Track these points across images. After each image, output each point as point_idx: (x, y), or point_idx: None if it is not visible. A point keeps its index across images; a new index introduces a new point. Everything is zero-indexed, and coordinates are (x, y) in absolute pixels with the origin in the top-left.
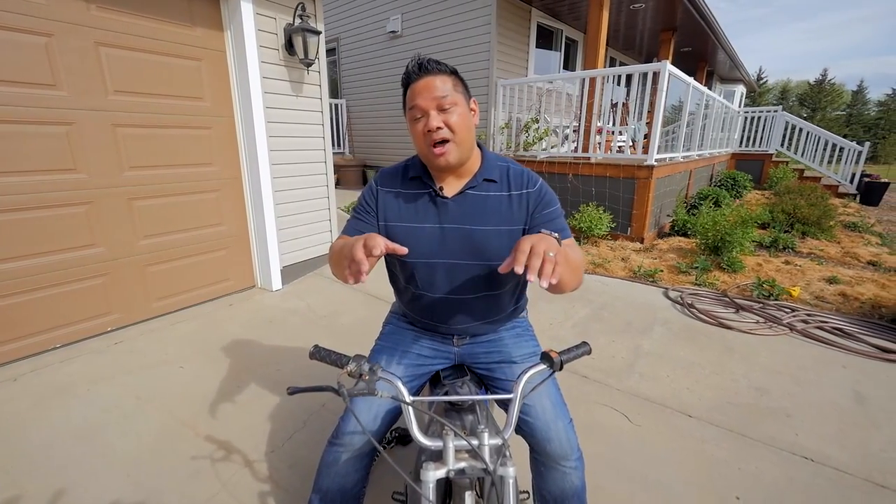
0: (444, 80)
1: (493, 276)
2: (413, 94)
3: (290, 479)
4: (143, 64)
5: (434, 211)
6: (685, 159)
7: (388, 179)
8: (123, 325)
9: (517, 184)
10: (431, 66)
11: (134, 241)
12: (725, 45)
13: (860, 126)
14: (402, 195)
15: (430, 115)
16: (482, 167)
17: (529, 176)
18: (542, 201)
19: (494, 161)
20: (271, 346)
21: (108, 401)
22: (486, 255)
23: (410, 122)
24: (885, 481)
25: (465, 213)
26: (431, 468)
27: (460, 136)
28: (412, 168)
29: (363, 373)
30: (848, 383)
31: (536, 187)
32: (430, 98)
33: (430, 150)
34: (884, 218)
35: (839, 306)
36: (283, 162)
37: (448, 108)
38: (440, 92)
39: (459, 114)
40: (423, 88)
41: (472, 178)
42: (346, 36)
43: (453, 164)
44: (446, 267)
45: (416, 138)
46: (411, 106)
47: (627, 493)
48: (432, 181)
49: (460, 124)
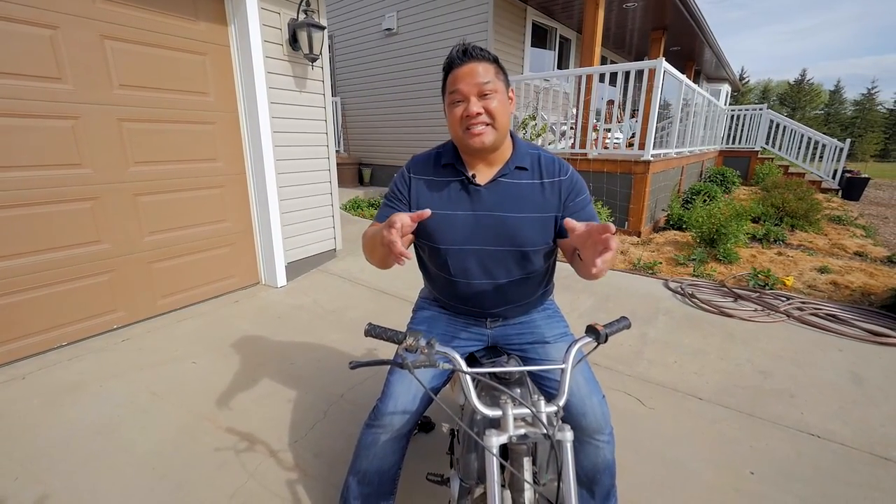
0: (487, 67)
1: (526, 260)
2: (455, 79)
3: (317, 467)
4: (148, 58)
5: (467, 198)
6: (678, 155)
7: (420, 166)
8: (129, 322)
9: (549, 171)
10: (476, 53)
11: (139, 238)
12: (713, 44)
13: (837, 125)
14: (435, 182)
15: (471, 100)
16: (514, 155)
17: (561, 164)
18: (574, 189)
19: (525, 149)
20: (282, 341)
21: (121, 397)
22: (518, 241)
23: (449, 105)
24: (888, 454)
25: (498, 200)
26: (494, 434)
27: (499, 122)
28: (444, 155)
29: (421, 347)
30: (845, 365)
31: (568, 175)
32: (473, 84)
33: (466, 132)
34: (865, 212)
35: (831, 294)
36: (287, 157)
37: (489, 94)
38: (482, 78)
39: (499, 101)
40: (467, 74)
41: (504, 165)
42: (340, 33)
43: (488, 146)
44: (479, 253)
45: (453, 122)
46: (452, 90)
47: (648, 471)
48: (465, 168)
49: (499, 110)
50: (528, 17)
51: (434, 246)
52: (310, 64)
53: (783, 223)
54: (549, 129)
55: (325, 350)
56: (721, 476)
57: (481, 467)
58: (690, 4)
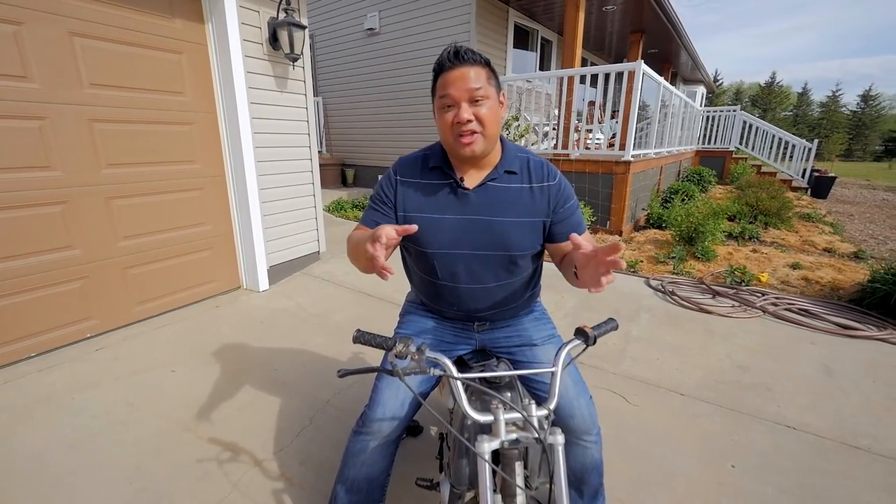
0: (479, 71)
1: (514, 265)
2: (445, 83)
3: (302, 475)
4: (121, 56)
5: (455, 202)
6: (657, 155)
7: (407, 169)
8: (104, 330)
9: (538, 176)
10: (468, 56)
11: (113, 243)
12: (688, 47)
13: (805, 126)
14: (422, 185)
15: (462, 106)
16: (503, 159)
17: (549, 168)
18: (563, 195)
19: (514, 152)
20: (265, 346)
21: (97, 408)
22: (507, 245)
23: (438, 110)
24: (858, 442)
25: (486, 204)
26: (486, 440)
27: (489, 129)
28: (432, 157)
29: (411, 353)
30: (817, 358)
31: (557, 180)
32: (464, 89)
33: (457, 140)
34: (833, 209)
35: (803, 289)
36: (269, 159)
37: (480, 100)
38: (474, 83)
39: (490, 107)
40: (457, 78)
41: (493, 169)
42: (321, 32)
43: (478, 154)
44: (467, 258)
45: (443, 127)
46: (442, 94)
47: (634, 468)
48: (453, 172)
49: (490, 117)
50: (510, 19)
51: (421, 250)
52: (291, 64)
53: (757, 221)
54: (532, 130)
55: (309, 355)
56: (704, 470)
57: (473, 472)
58: (667, 8)
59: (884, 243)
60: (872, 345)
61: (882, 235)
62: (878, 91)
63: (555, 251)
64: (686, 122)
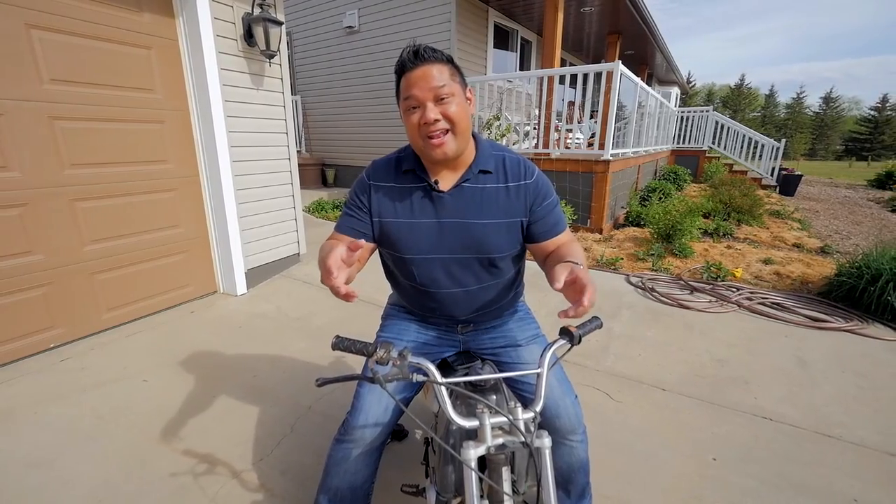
0: (441, 68)
1: (494, 267)
2: (408, 84)
3: (284, 485)
4: (85, 51)
5: (430, 206)
6: (635, 154)
7: (380, 173)
8: (69, 339)
9: (514, 174)
10: (428, 54)
11: (79, 247)
12: (663, 48)
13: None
14: (396, 189)
15: (427, 106)
16: (477, 158)
17: (526, 166)
18: (540, 193)
19: (489, 150)
20: (243, 352)
21: (62, 423)
22: (485, 248)
23: (404, 112)
24: (831, 431)
25: (462, 207)
26: (472, 446)
27: (458, 127)
28: (405, 160)
29: (393, 358)
30: (790, 350)
31: (534, 178)
32: (427, 88)
33: (426, 141)
34: (800, 206)
35: (775, 284)
36: (245, 158)
37: (445, 98)
38: (437, 82)
39: (457, 104)
40: (420, 78)
41: (467, 170)
42: (299, 30)
43: (451, 155)
44: (446, 262)
45: (411, 130)
46: (406, 96)
47: (619, 464)
48: (427, 175)
49: (459, 115)
50: (490, 19)
51: (399, 256)
52: (267, 61)
53: (731, 218)
54: (514, 130)
55: (290, 360)
56: (687, 464)
57: (459, 479)
58: (643, 9)
59: (847, 238)
60: (840, 336)
61: (845, 231)
62: (838, 93)
63: (536, 251)
64: (662, 122)
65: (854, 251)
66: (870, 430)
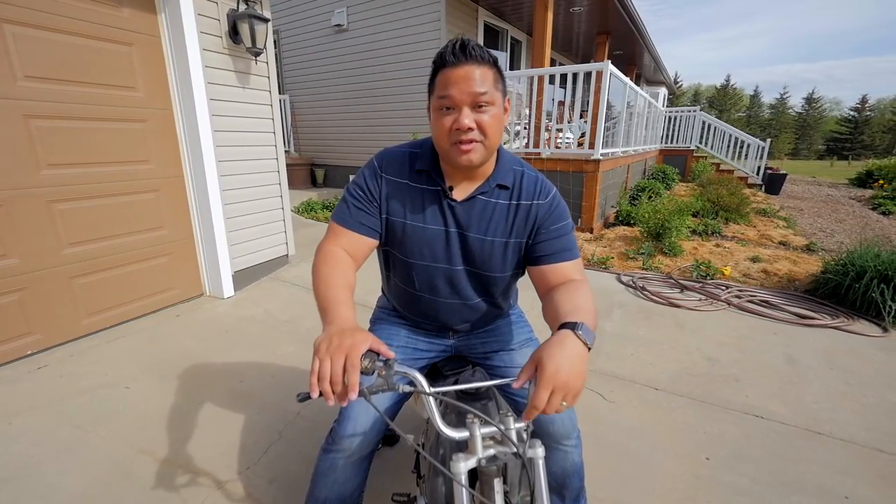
0: (486, 73)
1: (493, 284)
2: (447, 82)
3: (272, 495)
4: (61, 47)
5: (440, 213)
6: (624, 154)
7: (394, 167)
8: (47, 346)
9: (528, 193)
10: (475, 53)
11: (56, 250)
12: (651, 49)
13: (757, 126)
14: (409, 188)
15: (464, 111)
16: (496, 171)
17: (543, 185)
18: (552, 215)
19: (510, 165)
20: (230, 356)
21: (38, 434)
22: (489, 266)
23: (435, 111)
24: (821, 429)
25: (471, 219)
26: (462, 459)
27: (490, 139)
28: (420, 159)
29: (378, 368)
30: (779, 347)
31: (548, 199)
32: (467, 92)
33: (453, 146)
34: (785, 204)
35: (763, 282)
36: (231, 158)
37: (484, 106)
38: (479, 87)
39: (494, 115)
40: (461, 78)
41: (485, 182)
42: (287, 28)
43: (476, 164)
44: (448, 273)
45: (440, 132)
46: (442, 94)
47: (613, 465)
48: (442, 179)
49: (493, 126)
50: (479, 18)
51: (403, 259)
52: (253, 58)
53: (719, 217)
54: (504, 129)
55: (278, 364)
56: (680, 464)
57: (449, 491)
58: (631, 10)
59: (831, 236)
60: (827, 333)
61: (829, 229)
62: (819, 94)
63: (537, 279)
64: (650, 122)
65: (838, 248)
66: (858, 426)
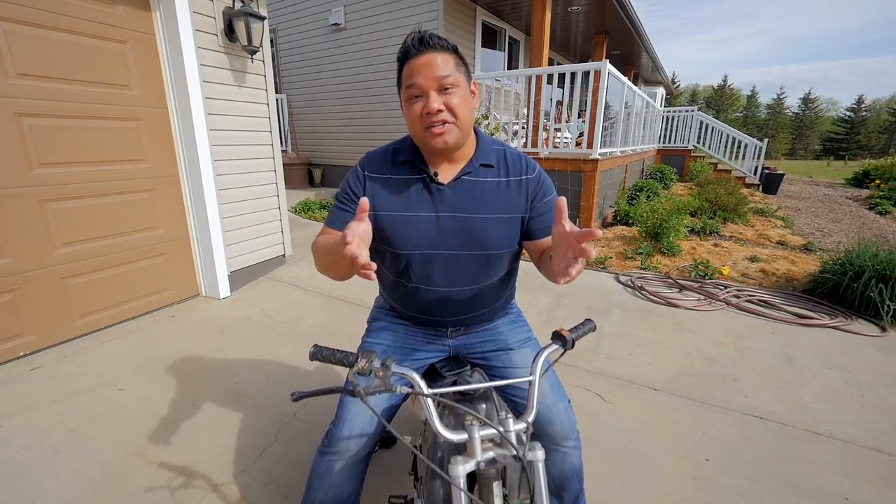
0: (447, 58)
1: (491, 266)
2: (411, 72)
3: (267, 498)
4: (54, 44)
5: (429, 198)
6: (622, 154)
7: (376, 164)
8: (39, 348)
9: (515, 169)
10: (433, 42)
11: (49, 250)
12: (649, 49)
13: (754, 126)
14: (393, 181)
15: (430, 95)
16: (477, 151)
17: (527, 161)
18: (542, 188)
19: (490, 145)
20: (226, 357)
21: (29, 436)
22: (484, 244)
23: (406, 101)
24: (819, 428)
25: (462, 200)
26: (460, 462)
27: (462, 119)
28: (402, 151)
29: (375, 369)
30: (778, 347)
31: (535, 173)
32: (431, 77)
33: (427, 131)
34: (783, 204)
35: (761, 281)
36: (227, 158)
37: (449, 88)
38: (442, 71)
39: (461, 96)
40: (424, 66)
41: (468, 163)
42: (284, 27)
43: (451, 145)
44: (443, 258)
45: (412, 119)
46: (409, 84)
47: (612, 467)
48: (426, 166)
49: (462, 107)
50: (477, 17)
51: (394, 251)
52: (249, 57)
53: (717, 216)
54: (502, 129)
55: (275, 365)
56: (679, 465)
57: (447, 494)
58: (629, 10)
59: (829, 235)
60: (826, 332)
61: (826, 228)
62: (815, 95)
63: (532, 249)
64: (648, 122)
65: (836, 248)
66: (857, 426)
